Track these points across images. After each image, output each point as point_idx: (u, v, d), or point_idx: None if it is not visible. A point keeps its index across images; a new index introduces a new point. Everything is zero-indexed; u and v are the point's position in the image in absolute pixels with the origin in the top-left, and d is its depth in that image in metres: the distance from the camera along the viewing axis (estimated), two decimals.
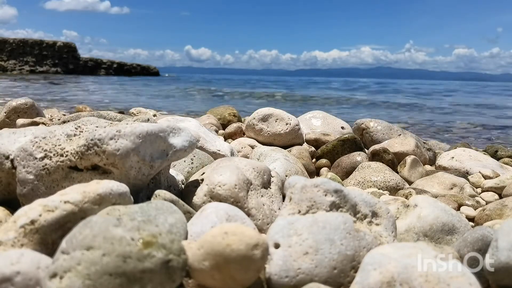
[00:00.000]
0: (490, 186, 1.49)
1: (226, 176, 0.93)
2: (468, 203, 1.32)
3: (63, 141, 0.85)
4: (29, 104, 1.86)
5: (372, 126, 2.11)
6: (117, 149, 0.79)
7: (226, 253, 0.59)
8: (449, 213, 0.96)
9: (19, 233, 0.65)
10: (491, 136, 4.03)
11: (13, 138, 0.91)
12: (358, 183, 1.54)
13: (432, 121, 5.40)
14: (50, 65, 47.39)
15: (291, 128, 1.91)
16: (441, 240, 0.92)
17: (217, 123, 2.44)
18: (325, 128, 2.18)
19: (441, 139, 3.33)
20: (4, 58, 44.94)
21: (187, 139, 0.91)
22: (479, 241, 0.74)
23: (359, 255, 0.69)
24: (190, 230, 0.75)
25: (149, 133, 0.83)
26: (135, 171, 0.82)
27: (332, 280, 0.66)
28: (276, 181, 1.06)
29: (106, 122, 0.94)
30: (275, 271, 0.66)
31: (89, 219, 0.61)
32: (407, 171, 1.65)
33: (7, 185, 0.89)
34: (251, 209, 0.92)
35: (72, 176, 0.82)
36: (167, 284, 0.58)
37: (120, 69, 52.79)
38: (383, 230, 0.77)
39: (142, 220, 0.64)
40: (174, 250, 0.59)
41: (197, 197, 0.92)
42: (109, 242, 0.57)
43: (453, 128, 4.75)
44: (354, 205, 0.77)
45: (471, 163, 1.79)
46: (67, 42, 50.33)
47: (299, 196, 0.76)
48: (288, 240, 0.69)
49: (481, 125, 5.04)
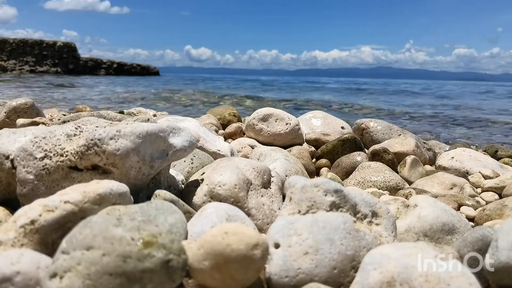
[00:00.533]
0: (490, 186, 1.49)
1: (226, 176, 0.93)
2: (468, 203, 1.32)
3: (63, 141, 0.85)
4: (29, 104, 1.87)
5: (372, 126, 2.11)
6: (117, 149, 0.79)
7: (226, 253, 0.59)
8: (449, 213, 0.96)
9: (19, 233, 0.65)
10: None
11: (13, 138, 0.91)
12: (358, 183, 1.54)
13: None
14: (50, 65, 47.37)
15: (291, 128, 1.91)
16: (441, 240, 0.92)
17: (217, 123, 2.44)
18: (325, 128, 2.18)
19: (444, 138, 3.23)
20: (4, 58, 44.93)
21: (187, 139, 0.91)
22: (479, 241, 0.74)
23: (359, 255, 0.69)
24: (190, 230, 0.75)
25: (149, 133, 0.83)
26: (135, 171, 0.82)
27: (332, 280, 0.66)
28: (276, 181, 1.06)
29: (106, 122, 0.94)
30: (275, 271, 0.66)
31: (89, 219, 0.61)
32: (407, 171, 1.65)
33: (7, 185, 0.89)
34: (251, 209, 0.92)
35: (72, 176, 0.82)
36: (167, 284, 0.58)
37: (120, 69, 52.79)
38: (383, 230, 0.77)
39: (142, 220, 0.64)
40: (174, 250, 0.59)
41: (197, 197, 0.92)
42: (109, 242, 0.57)
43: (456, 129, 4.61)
44: (354, 205, 0.77)
45: (471, 163, 1.79)
46: (67, 42, 50.30)
47: (299, 196, 0.76)
48: (288, 240, 0.69)
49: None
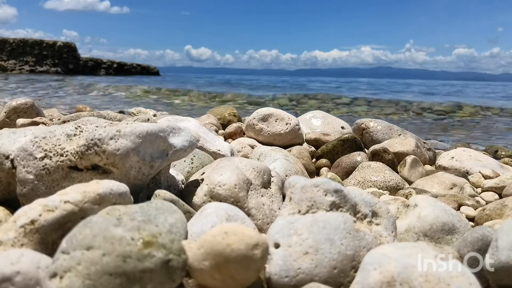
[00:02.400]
0: (490, 186, 1.49)
1: (226, 176, 0.93)
2: (468, 203, 1.32)
3: (63, 141, 0.85)
4: (29, 104, 1.86)
5: (372, 126, 2.11)
6: (117, 149, 0.79)
7: (226, 253, 0.59)
8: (449, 213, 0.96)
9: (19, 233, 0.65)
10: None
11: (13, 138, 0.91)
12: (358, 183, 1.54)
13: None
14: (50, 65, 47.38)
15: (291, 128, 1.91)
16: (441, 240, 0.92)
17: (217, 123, 2.44)
18: (325, 128, 2.18)
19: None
20: (4, 58, 44.93)
21: (187, 139, 0.91)
22: (479, 241, 0.74)
23: (359, 255, 0.69)
24: (190, 230, 0.75)
25: (149, 133, 0.83)
26: (135, 171, 0.82)
27: (332, 280, 0.66)
28: (276, 181, 1.06)
29: (106, 122, 0.94)
30: (275, 271, 0.66)
31: (89, 219, 0.61)
32: (407, 171, 1.65)
33: (7, 185, 0.89)
34: (251, 209, 0.92)
35: (72, 176, 0.82)
36: (167, 284, 0.58)
37: (120, 69, 52.82)
38: (383, 230, 0.77)
39: (142, 220, 0.64)
40: (174, 250, 0.59)
41: (197, 197, 0.92)
42: (109, 242, 0.57)
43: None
44: (354, 205, 0.77)
45: (471, 163, 1.79)
46: (67, 42, 50.32)
47: (299, 196, 0.76)
48: (288, 240, 0.69)
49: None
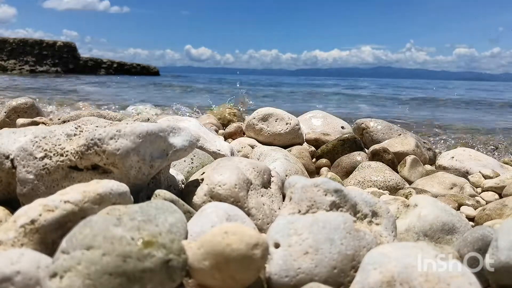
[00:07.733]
0: (490, 185, 1.49)
1: (226, 175, 0.93)
2: (468, 202, 1.32)
3: (63, 140, 0.85)
4: (29, 103, 1.86)
5: (372, 126, 2.11)
6: (117, 148, 0.79)
7: (226, 252, 0.59)
8: (449, 212, 0.96)
9: (19, 233, 0.65)
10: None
11: (13, 138, 0.91)
12: (358, 182, 1.54)
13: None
14: (50, 65, 47.39)
15: (291, 127, 1.90)
16: (441, 240, 0.92)
17: (217, 123, 2.44)
18: (325, 128, 2.18)
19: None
20: (4, 57, 44.93)
21: (187, 138, 0.91)
22: (479, 241, 0.74)
23: (359, 255, 0.69)
24: (190, 229, 0.75)
25: (149, 132, 0.83)
26: (135, 171, 0.82)
27: (332, 280, 0.66)
28: (276, 181, 1.06)
29: (106, 122, 0.94)
30: (275, 270, 0.66)
31: (89, 218, 0.61)
32: (407, 171, 1.65)
33: (7, 185, 0.89)
34: (251, 208, 0.92)
35: (72, 175, 0.82)
36: (167, 283, 0.58)
37: (120, 68, 52.84)
38: (383, 230, 0.77)
39: (142, 219, 0.64)
40: (174, 250, 0.59)
41: (197, 196, 0.92)
42: (109, 242, 0.57)
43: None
44: (354, 205, 0.77)
45: (471, 162, 1.79)
46: (67, 41, 50.36)
47: (299, 195, 0.76)
48: (288, 239, 0.69)
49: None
